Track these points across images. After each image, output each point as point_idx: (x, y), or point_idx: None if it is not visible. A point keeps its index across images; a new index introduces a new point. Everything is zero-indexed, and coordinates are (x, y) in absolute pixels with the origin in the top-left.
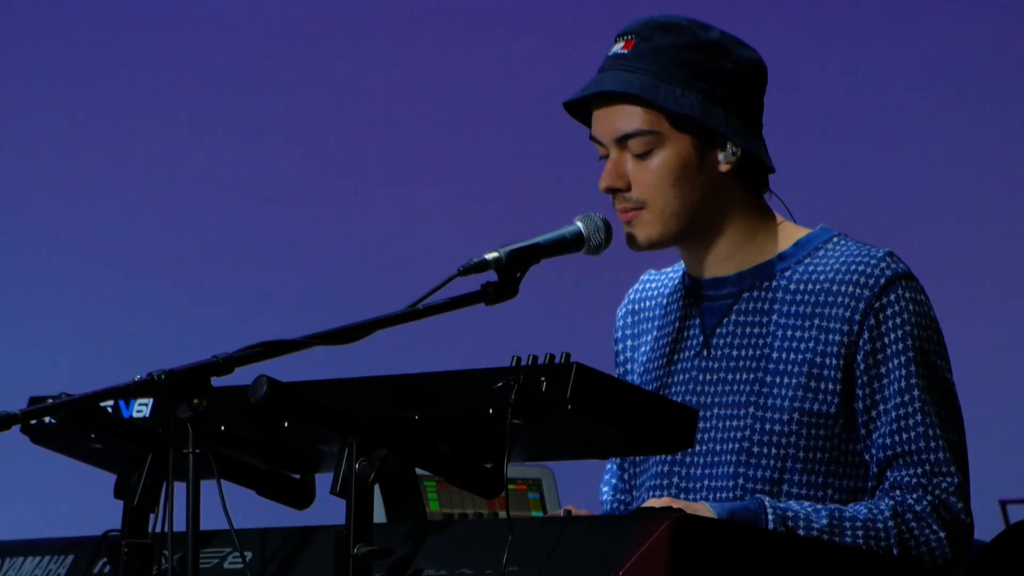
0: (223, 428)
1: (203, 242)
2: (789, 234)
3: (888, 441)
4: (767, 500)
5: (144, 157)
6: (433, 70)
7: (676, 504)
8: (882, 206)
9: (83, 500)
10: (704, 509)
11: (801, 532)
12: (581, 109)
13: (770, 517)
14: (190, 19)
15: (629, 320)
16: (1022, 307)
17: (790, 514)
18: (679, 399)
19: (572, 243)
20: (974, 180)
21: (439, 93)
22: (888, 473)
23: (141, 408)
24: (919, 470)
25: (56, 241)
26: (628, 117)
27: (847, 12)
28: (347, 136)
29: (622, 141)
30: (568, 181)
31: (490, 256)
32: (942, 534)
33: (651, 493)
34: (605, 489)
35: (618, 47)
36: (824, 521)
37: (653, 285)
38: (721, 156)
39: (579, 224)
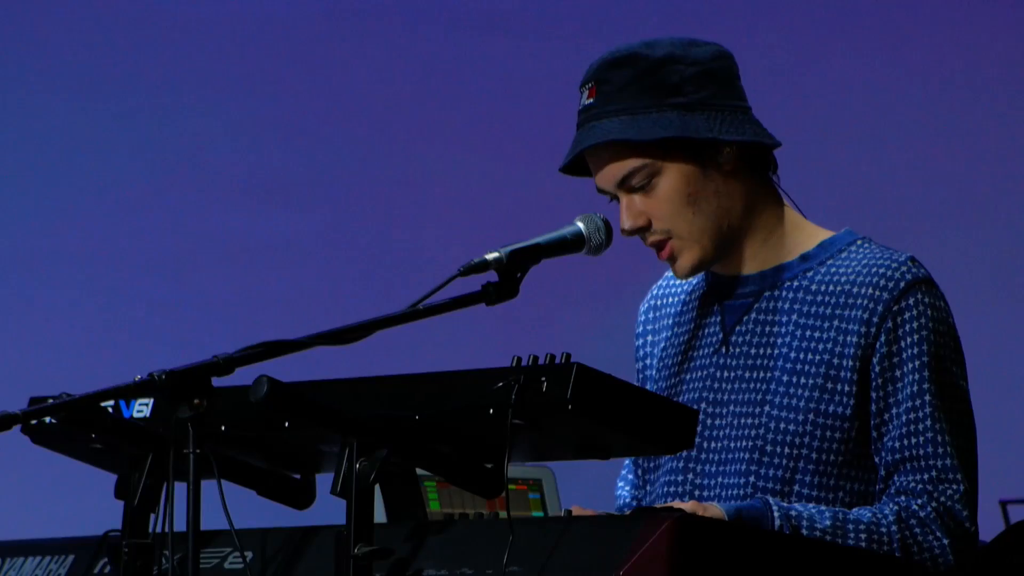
0: (223, 428)
1: (203, 242)
2: (813, 235)
3: (897, 445)
4: (771, 500)
5: (144, 157)
6: (433, 70)
7: (688, 506)
8: (883, 206)
9: (83, 500)
10: (715, 509)
11: (805, 532)
12: (579, 164)
13: (776, 515)
14: (190, 19)
15: (650, 316)
16: (1022, 307)
17: (793, 513)
18: (695, 395)
19: (573, 243)
20: (975, 180)
21: (439, 93)
22: (895, 477)
23: (141, 408)
24: (925, 476)
25: (56, 241)
26: (619, 161)
27: (850, 12)
28: (347, 136)
29: (624, 183)
30: (568, 181)
31: (491, 256)
32: (945, 541)
33: (665, 490)
34: (621, 484)
35: (584, 99)
36: (828, 522)
37: (675, 282)
38: (720, 158)
39: (580, 224)
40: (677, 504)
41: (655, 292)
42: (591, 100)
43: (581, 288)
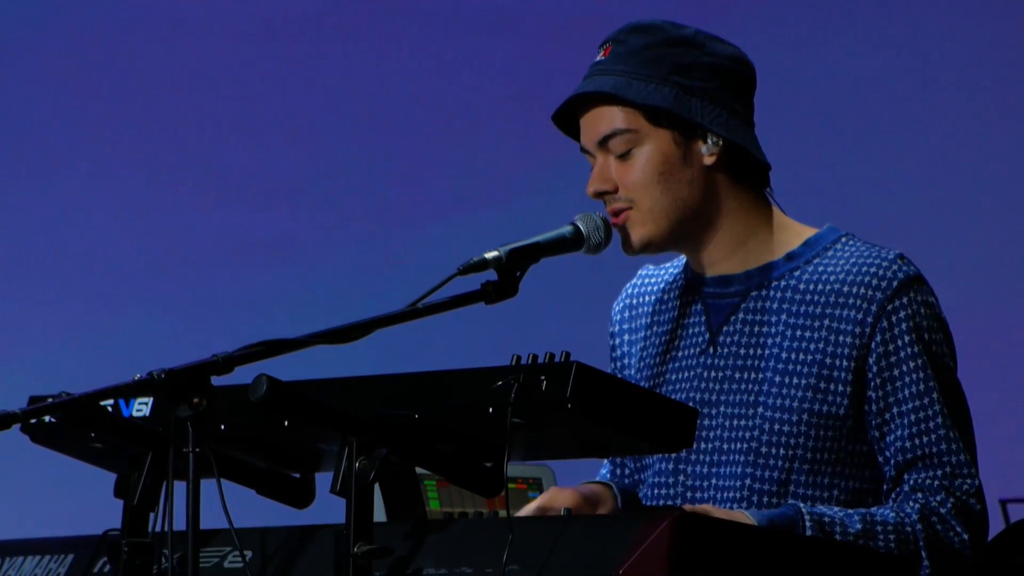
0: (223, 427)
1: (203, 242)
2: (797, 232)
3: (907, 444)
4: (802, 506)
5: (144, 157)
6: (433, 70)
7: (716, 512)
8: (882, 204)
9: (83, 499)
10: (744, 517)
11: (838, 537)
12: (573, 125)
13: (807, 523)
14: (189, 19)
15: (626, 315)
16: (1022, 307)
17: (826, 519)
18: (682, 396)
19: (572, 242)
20: (974, 179)
21: (439, 93)
22: (907, 475)
23: (141, 407)
24: (940, 472)
25: (56, 241)
26: (606, 118)
27: (848, 12)
28: (346, 136)
29: (604, 144)
30: (568, 181)
31: (490, 255)
32: (966, 536)
33: (654, 492)
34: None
35: (598, 56)
36: (858, 526)
37: (651, 280)
38: (703, 148)
39: (579, 223)
40: (704, 508)
41: (629, 291)
42: (603, 57)
43: (580, 287)
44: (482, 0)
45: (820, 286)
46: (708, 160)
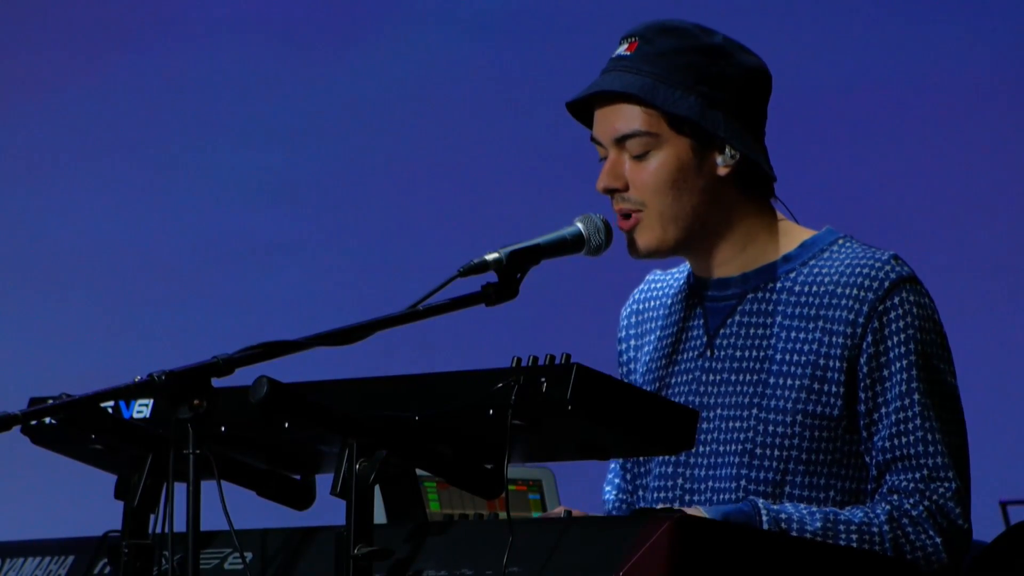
0: (223, 429)
1: (203, 242)
2: (794, 235)
3: (887, 444)
4: (760, 502)
5: (144, 157)
6: (433, 70)
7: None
8: (882, 205)
9: (83, 501)
10: (698, 512)
11: (795, 534)
12: (584, 111)
13: (764, 519)
14: (190, 19)
15: (633, 320)
16: (1021, 307)
17: (783, 516)
18: (681, 399)
19: (572, 244)
20: (974, 180)
21: (439, 93)
22: (886, 477)
23: (141, 409)
24: (917, 475)
25: (56, 241)
26: (627, 118)
27: (848, 13)
28: (347, 136)
29: (621, 142)
30: (568, 182)
31: (490, 257)
32: (938, 539)
33: (655, 495)
34: (608, 488)
35: (622, 49)
36: (818, 524)
37: (658, 286)
38: (719, 159)
39: (579, 225)
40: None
41: (636, 296)
42: (628, 53)
43: (581, 289)
44: (481, 1)
45: (815, 288)
46: (722, 171)
